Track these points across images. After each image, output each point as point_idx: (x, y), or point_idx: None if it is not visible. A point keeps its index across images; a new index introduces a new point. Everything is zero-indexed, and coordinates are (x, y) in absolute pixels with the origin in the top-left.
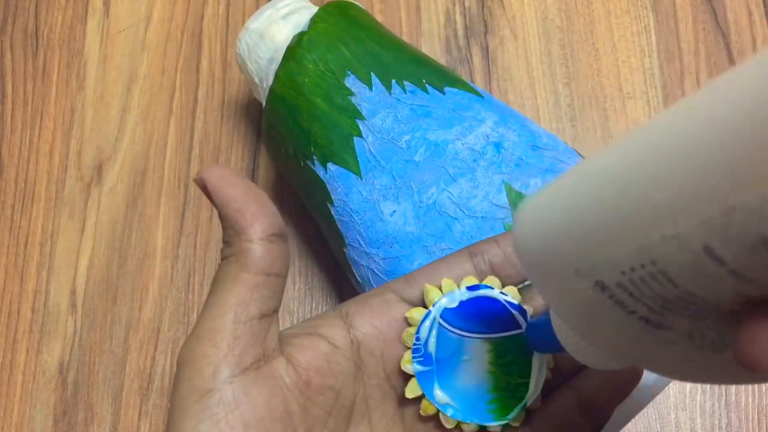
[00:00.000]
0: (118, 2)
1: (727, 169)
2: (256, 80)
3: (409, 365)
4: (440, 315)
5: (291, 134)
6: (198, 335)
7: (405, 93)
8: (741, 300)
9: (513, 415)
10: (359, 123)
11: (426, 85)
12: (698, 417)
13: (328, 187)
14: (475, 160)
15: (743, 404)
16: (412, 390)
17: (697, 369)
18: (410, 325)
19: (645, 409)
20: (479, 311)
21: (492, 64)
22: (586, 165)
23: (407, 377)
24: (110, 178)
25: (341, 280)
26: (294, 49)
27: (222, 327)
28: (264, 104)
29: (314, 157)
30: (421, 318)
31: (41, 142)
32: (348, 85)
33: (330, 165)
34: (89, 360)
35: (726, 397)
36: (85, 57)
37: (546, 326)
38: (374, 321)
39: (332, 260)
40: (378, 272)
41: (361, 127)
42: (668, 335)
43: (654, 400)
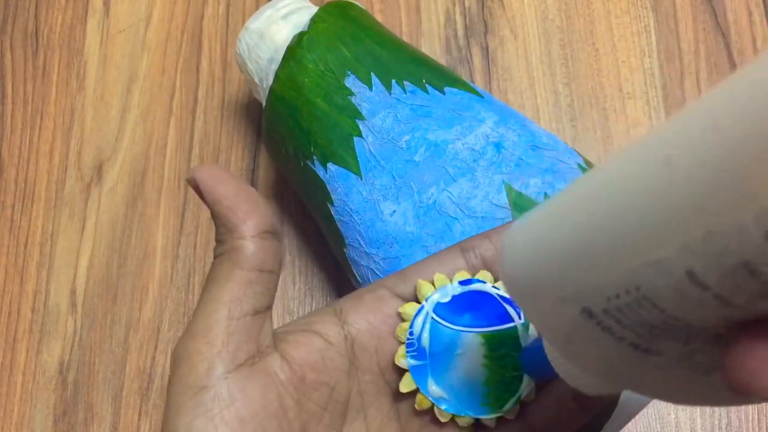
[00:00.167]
0: (118, 2)
1: (704, 195)
2: (256, 80)
3: (403, 360)
4: (433, 310)
5: (291, 134)
6: (192, 332)
7: (405, 93)
8: (728, 324)
9: (507, 408)
10: (359, 123)
11: (426, 85)
12: (698, 417)
13: (328, 187)
14: (475, 160)
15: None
16: (407, 384)
17: (689, 392)
18: (404, 321)
19: (645, 409)
20: (472, 305)
21: (492, 64)
22: (569, 192)
23: (401, 372)
24: (110, 178)
25: (341, 280)
26: (294, 49)
27: (216, 324)
28: (264, 104)
29: (314, 157)
30: (414, 313)
31: (41, 142)
32: (348, 85)
33: (330, 165)
34: (89, 360)
35: None
36: (85, 57)
37: (539, 352)
38: (368, 317)
39: (332, 260)
40: (378, 272)
41: (361, 127)
42: (657, 360)
43: (654, 400)
